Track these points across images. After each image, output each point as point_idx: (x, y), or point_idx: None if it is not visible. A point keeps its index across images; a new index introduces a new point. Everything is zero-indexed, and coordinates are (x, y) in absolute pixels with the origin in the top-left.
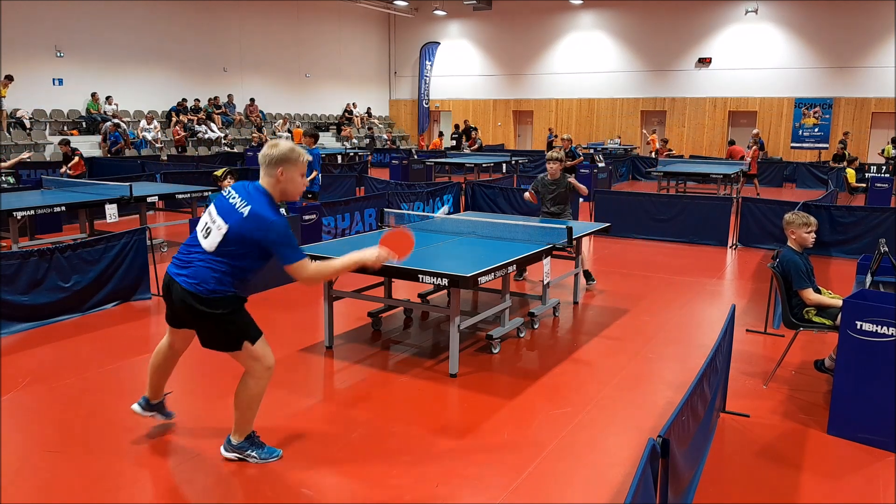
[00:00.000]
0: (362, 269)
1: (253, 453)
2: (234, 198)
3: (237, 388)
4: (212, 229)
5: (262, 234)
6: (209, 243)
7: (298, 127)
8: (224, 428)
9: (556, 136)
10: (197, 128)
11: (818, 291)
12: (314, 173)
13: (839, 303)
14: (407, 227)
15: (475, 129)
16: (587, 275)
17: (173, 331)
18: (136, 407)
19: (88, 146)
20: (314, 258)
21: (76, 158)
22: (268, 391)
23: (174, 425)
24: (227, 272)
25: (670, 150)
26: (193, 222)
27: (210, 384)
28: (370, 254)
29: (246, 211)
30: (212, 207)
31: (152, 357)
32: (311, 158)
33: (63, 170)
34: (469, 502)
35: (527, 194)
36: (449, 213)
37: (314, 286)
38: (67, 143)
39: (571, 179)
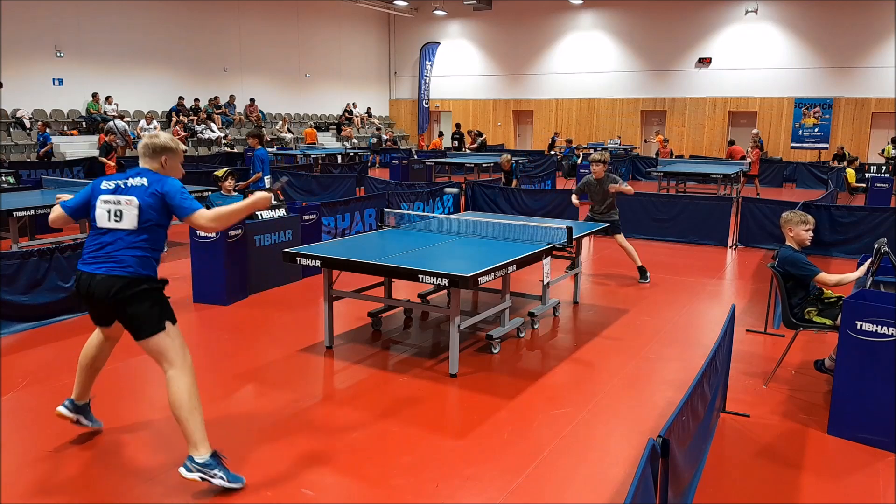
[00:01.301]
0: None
1: (220, 473)
2: (122, 181)
3: (171, 398)
4: (122, 210)
5: (164, 189)
6: (129, 222)
7: (310, 127)
8: (228, 426)
9: (559, 138)
10: (196, 127)
11: (815, 291)
12: (257, 174)
13: (858, 273)
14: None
15: (481, 134)
16: (641, 271)
17: (104, 329)
18: (61, 409)
19: (88, 146)
20: (313, 258)
21: (115, 153)
22: (268, 391)
23: (173, 426)
24: (147, 249)
25: (670, 150)
26: None
27: (207, 388)
28: (261, 195)
29: (144, 182)
30: (104, 197)
31: (81, 355)
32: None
33: (104, 161)
34: (469, 502)
35: (574, 198)
36: (460, 192)
37: (218, 229)
38: (112, 131)
39: (618, 187)
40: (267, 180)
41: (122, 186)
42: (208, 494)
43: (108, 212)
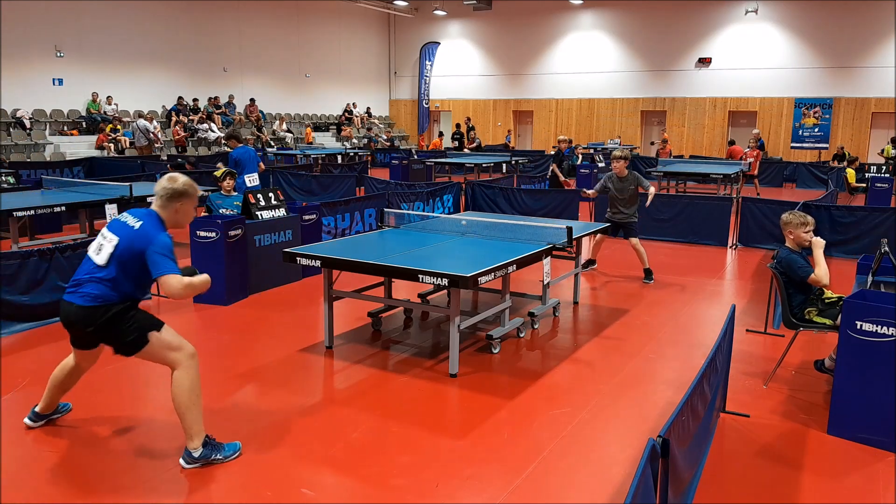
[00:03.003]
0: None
1: (218, 456)
2: (127, 218)
3: (172, 393)
4: (104, 245)
5: (146, 244)
6: (101, 258)
7: (309, 126)
8: (228, 426)
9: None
10: (199, 126)
11: (816, 291)
12: (231, 179)
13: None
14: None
15: (472, 128)
16: (648, 272)
17: (79, 352)
18: (27, 420)
19: (87, 146)
20: (313, 258)
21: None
22: (268, 391)
23: (173, 426)
24: (113, 288)
25: (670, 150)
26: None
27: (207, 388)
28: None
29: (137, 226)
30: (105, 230)
31: (56, 371)
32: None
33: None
34: (469, 502)
35: (591, 191)
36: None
37: (179, 298)
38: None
39: (651, 196)
40: (247, 179)
41: (122, 223)
42: (209, 492)
43: (98, 244)
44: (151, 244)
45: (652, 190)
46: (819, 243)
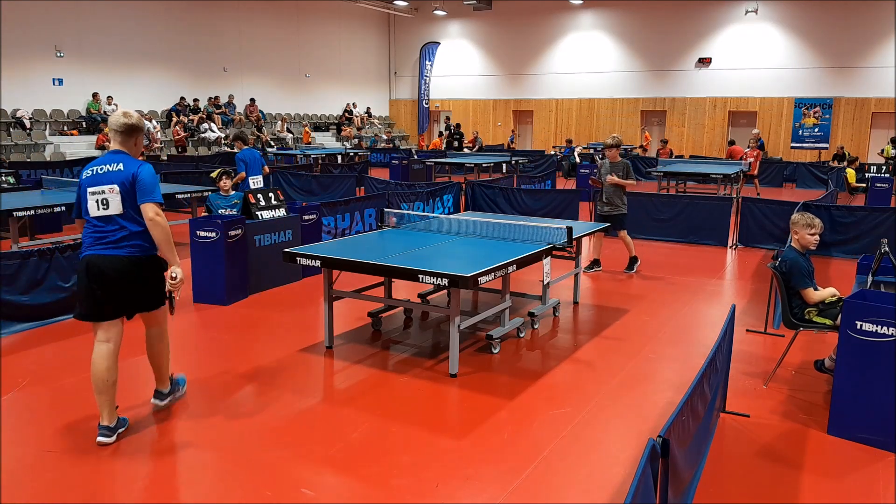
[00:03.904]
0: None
1: (180, 390)
2: (103, 167)
3: (155, 350)
4: (107, 198)
5: (137, 175)
6: (115, 208)
7: (306, 125)
8: (228, 426)
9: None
10: (202, 126)
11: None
12: (241, 175)
13: (833, 291)
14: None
15: (457, 125)
16: (632, 261)
17: (105, 325)
18: (102, 440)
19: (87, 146)
20: (313, 258)
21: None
22: (268, 391)
23: (173, 426)
24: (144, 235)
25: (670, 150)
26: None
27: (207, 388)
28: (180, 270)
29: (121, 166)
30: (90, 189)
31: (98, 374)
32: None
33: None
34: (469, 502)
35: (595, 178)
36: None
37: (155, 232)
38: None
39: (612, 178)
40: (251, 181)
41: (104, 173)
42: (210, 492)
43: (95, 202)
44: (140, 174)
45: (631, 183)
46: (832, 292)
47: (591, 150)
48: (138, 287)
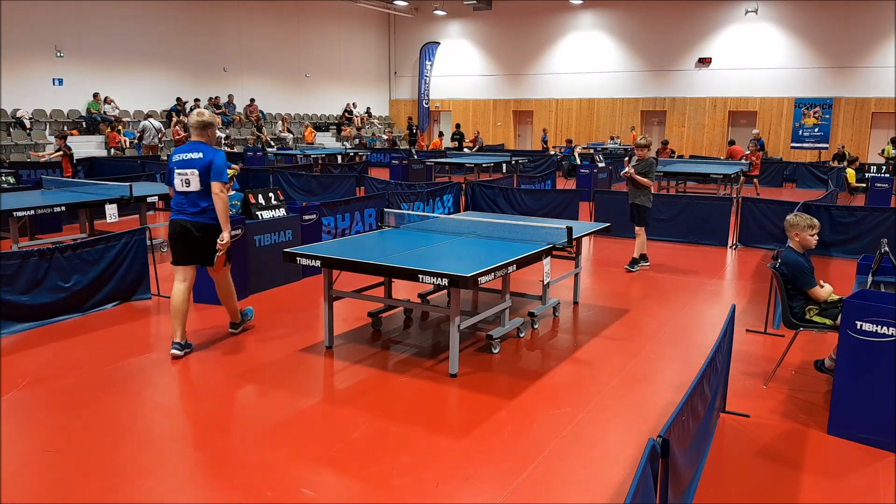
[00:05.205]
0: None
1: (249, 318)
2: (187, 155)
3: (223, 292)
4: (189, 179)
5: (211, 160)
6: (195, 186)
7: (308, 125)
8: (227, 427)
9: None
10: None
11: None
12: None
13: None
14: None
15: (457, 125)
16: (640, 259)
17: (184, 268)
18: (175, 352)
19: (91, 146)
20: (313, 258)
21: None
22: (268, 391)
23: (173, 425)
24: (213, 208)
25: (671, 150)
26: None
27: (207, 388)
28: (227, 235)
29: (200, 155)
30: (178, 170)
31: (176, 304)
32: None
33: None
34: (469, 502)
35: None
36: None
37: (218, 204)
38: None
39: (629, 170)
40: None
41: (187, 160)
42: (210, 492)
43: (181, 181)
44: (215, 158)
45: (647, 182)
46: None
47: (591, 151)
48: (208, 243)
